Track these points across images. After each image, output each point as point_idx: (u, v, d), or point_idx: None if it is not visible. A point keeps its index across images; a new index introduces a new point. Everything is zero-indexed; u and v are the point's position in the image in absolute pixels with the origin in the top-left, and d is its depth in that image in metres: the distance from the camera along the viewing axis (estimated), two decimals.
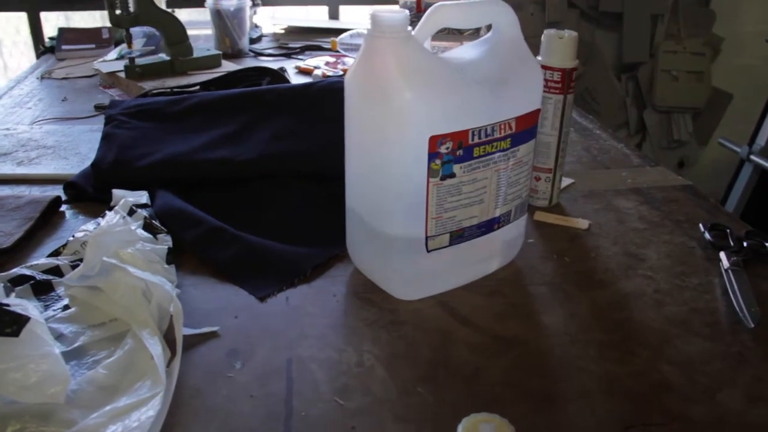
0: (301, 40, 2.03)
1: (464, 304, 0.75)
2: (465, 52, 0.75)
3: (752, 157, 2.16)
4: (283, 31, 2.19)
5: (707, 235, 0.91)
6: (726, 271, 0.83)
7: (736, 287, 0.79)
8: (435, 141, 0.65)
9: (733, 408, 0.63)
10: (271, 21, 2.23)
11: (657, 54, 2.56)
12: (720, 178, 2.49)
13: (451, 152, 0.67)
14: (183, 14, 2.02)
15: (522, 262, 0.84)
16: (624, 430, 0.60)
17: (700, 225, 0.94)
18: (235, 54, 1.84)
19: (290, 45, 1.98)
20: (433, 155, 0.66)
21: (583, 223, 0.93)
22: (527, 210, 0.93)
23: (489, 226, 0.74)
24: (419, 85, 0.65)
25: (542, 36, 0.91)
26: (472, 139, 0.67)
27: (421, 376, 0.64)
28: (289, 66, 1.73)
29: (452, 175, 0.68)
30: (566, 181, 1.06)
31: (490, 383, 0.64)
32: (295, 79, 1.57)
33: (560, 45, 0.90)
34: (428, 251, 0.71)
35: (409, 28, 0.67)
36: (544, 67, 0.91)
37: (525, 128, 0.73)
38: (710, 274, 0.84)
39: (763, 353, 0.71)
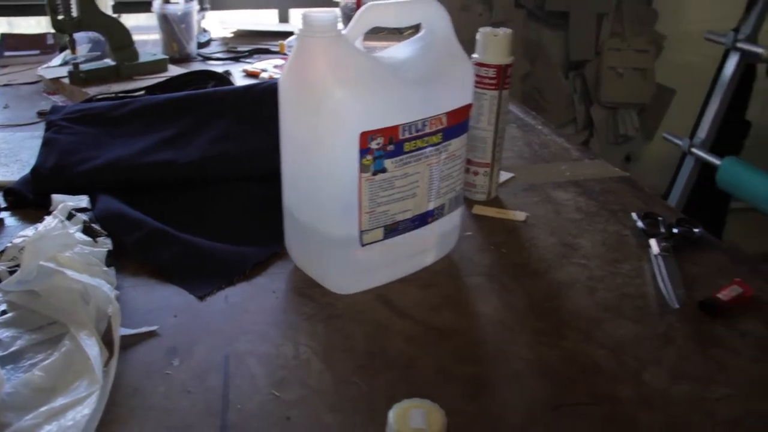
0: (250, 44, 2.03)
1: (401, 297, 0.76)
2: (398, 50, 0.77)
3: (693, 149, 2.21)
4: (232, 35, 2.19)
5: (640, 224, 0.94)
6: (656, 256, 0.86)
7: (664, 271, 0.82)
8: (366, 137, 0.67)
9: (658, 386, 0.66)
10: (220, 25, 2.23)
11: (603, 52, 2.61)
12: (666, 170, 2.55)
13: (382, 148, 0.68)
14: (131, 19, 2.01)
15: (459, 254, 0.86)
16: (552, 410, 0.62)
17: (633, 214, 0.97)
18: (183, 58, 1.84)
19: (239, 48, 1.98)
20: (364, 151, 0.67)
21: (520, 215, 0.95)
22: (465, 203, 0.96)
23: (423, 220, 0.76)
24: (349, 82, 0.66)
25: (477, 34, 0.93)
26: (403, 135, 0.69)
27: (356, 367, 0.66)
28: (238, 69, 1.74)
29: (384, 170, 0.69)
30: (506, 175, 1.08)
31: (424, 372, 0.66)
32: (242, 83, 1.58)
33: (495, 42, 0.92)
34: (363, 245, 0.72)
35: (340, 27, 0.68)
36: (480, 65, 0.93)
37: (456, 123, 0.75)
38: (641, 260, 0.87)
39: (688, 333, 0.74)
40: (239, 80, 1.62)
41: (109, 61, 1.58)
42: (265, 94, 1.06)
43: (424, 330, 0.72)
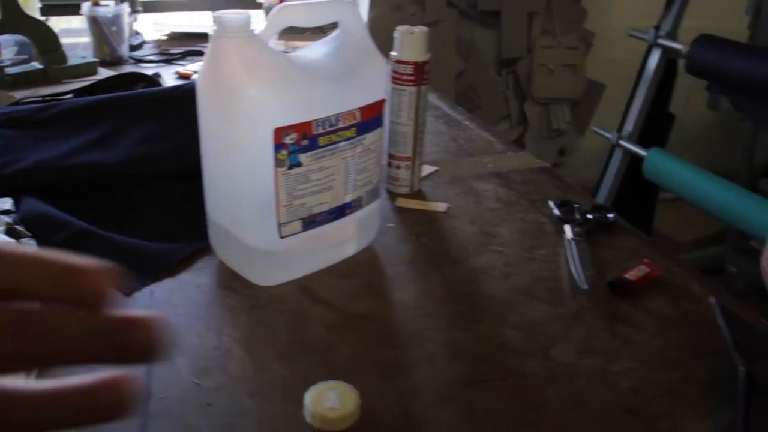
0: (184, 46, 2.03)
1: (321, 286, 0.79)
2: (313, 49, 0.79)
3: (621, 142, 2.28)
4: (165, 38, 2.18)
5: (556, 211, 0.99)
6: (569, 241, 0.90)
7: (575, 255, 0.86)
8: (280, 133, 0.69)
9: (565, 361, 0.70)
10: (153, 27, 2.22)
11: (534, 49, 2.67)
12: (598, 163, 2.62)
13: (297, 143, 0.70)
14: (62, 22, 1.99)
15: (380, 245, 0.89)
16: (464, 387, 0.65)
17: (550, 202, 1.01)
18: (115, 61, 1.83)
19: (172, 51, 1.98)
20: (278, 146, 0.70)
21: (441, 207, 0.99)
22: (388, 196, 0.99)
23: (341, 212, 0.79)
24: (262, 80, 0.69)
25: (394, 32, 0.96)
26: (317, 130, 0.72)
27: (276, 354, 0.68)
28: (170, 72, 1.74)
29: (299, 165, 0.72)
30: (430, 169, 1.11)
31: (342, 356, 0.68)
32: (173, 84, 1.58)
33: (411, 40, 0.95)
34: (282, 237, 0.75)
35: (253, 27, 0.70)
36: (398, 62, 0.96)
37: (370, 117, 0.77)
38: (557, 246, 0.91)
39: (596, 312, 0.78)
40: (171, 82, 1.62)
41: (36, 65, 1.57)
42: (191, 94, 1.07)
43: (344, 317, 0.74)
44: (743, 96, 1.99)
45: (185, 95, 1.08)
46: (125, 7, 1.84)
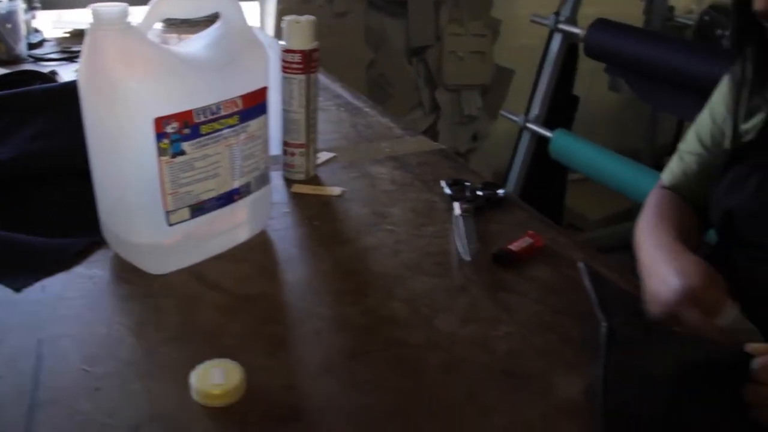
0: None
1: (214, 272, 0.81)
2: (194, 40, 0.81)
3: (528, 125, 2.36)
4: (68, 35, 2.14)
5: (447, 190, 1.02)
6: (457, 217, 0.93)
7: (462, 230, 0.90)
8: (160, 122, 0.70)
9: (447, 330, 0.73)
10: (54, 25, 2.17)
11: (443, 37, 2.72)
12: (510, 147, 2.69)
13: (178, 131, 0.72)
14: None
15: (273, 230, 0.91)
16: (348, 358, 0.68)
17: (442, 182, 1.04)
18: (12, 60, 1.79)
19: (73, 48, 1.95)
20: (160, 135, 0.71)
21: (336, 191, 1.01)
22: (285, 183, 1.01)
23: (229, 198, 0.80)
24: (140, 71, 0.70)
25: (282, 22, 0.98)
26: (198, 118, 0.73)
27: (166, 338, 0.70)
28: (71, 69, 1.71)
29: (182, 153, 0.73)
30: (327, 155, 1.14)
31: (230, 336, 0.70)
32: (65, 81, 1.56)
33: (298, 29, 0.97)
34: (170, 225, 0.76)
35: (129, 19, 0.71)
36: (287, 51, 0.98)
37: (253, 105, 0.79)
38: (446, 222, 0.95)
39: (480, 283, 0.82)
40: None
41: None
42: None
43: (235, 299, 0.76)
44: (637, 77, 2.08)
45: (76, 91, 1.07)
46: (20, 4, 1.80)
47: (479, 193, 1.01)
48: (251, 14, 2.43)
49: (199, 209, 0.78)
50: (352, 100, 1.49)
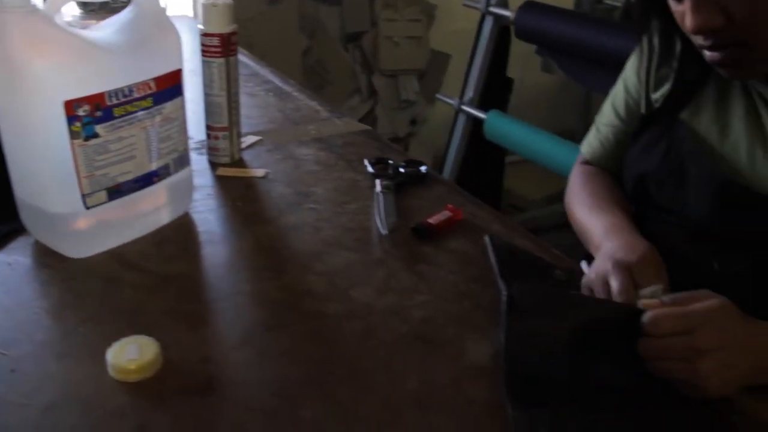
0: None
1: (135, 253, 0.81)
2: (106, 23, 0.81)
3: (463, 107, 2.39)
4: None
5: (370, 169, 1.04)
6: (377, 194, 0.95)
7: (381, 205, 0.92)
8: (70, 105, 0.71)
9: (364, 301, 0.75)
10: None
11: (378, 23, 2.74)
12: (449, 130, 2.73)
13: (90, 114, 0.72)
14: None
15: (196, 211, 0.91)
16: (266, 331, 0.70)
17: (365, 160, 1.06)
18: None
19: None
20: (72, 118, 0.71)
21: (260, 172, 1.03)
22: (210, 167, 1.02)
23: (147, 180, 0.81)
24: (46, 54, 0.70)
25: (199, 7, 0.99)
26: (110, 101, 0.74)
27: (84, 319, 0.70)
28: None
29: (96, 135, 0.74)
30: (253, 139, 1.15)
31: (149, 314, 0.71)
32: None
33: (215, 13, 0.98)
34: (87, 208, 0.76)
35: (35, 2, 0.71)
36: (205, 35, 0.98)
37: (168, 87, 0.80)
38: (368, 199, 0.97)
39: (398, 255, 0.84)
40: None
41: None
42: None
43: (155, 279, 0.77)
44: (567, 58, 2.12)
45: None
46: None
47: (401, 170, 1.03)
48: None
49: (116, 192, 0.78)
50: (281, 84, 1.50)
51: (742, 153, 0.80)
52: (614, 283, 0.72)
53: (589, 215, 0.92)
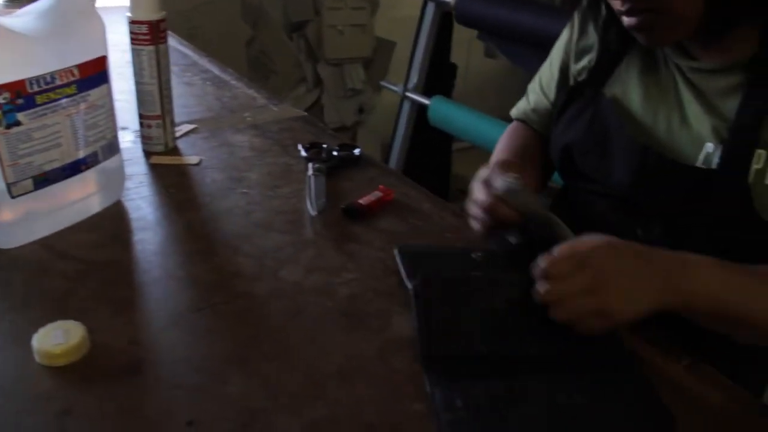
0: None
1: (65, 242, 0.81)
2: (26, 10, 0.80)
3: (408, 94, 2.42)
4: None
5: (304, 153, 1.06)
6: (309, 177, 0.97)
7: (312, 187, 0.93)
8: None
9: (292, 279, 0.77)
10: None
11: (322, 11, 2.74)
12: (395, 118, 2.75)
13: (11, 102, 0.72)
14: None
15: (128, 199, 0.92)
16: (194, 312, 0.71)
17: (299, 145, 1.08)
18: None
19: None
20: None
21: (193, 160, 1.03)
22: (145, 156, 1.02)
23: (75, 168, 0.81)
24: None
25: None
26: (32, 88, 0.74)
27: (12, 307, 0.70)
28: None
29: (18, 123, 0.74)
30: (188, 127, 1.15)
31: (78, 300, 0.72)
32: None
33: (143, 0, 0.98)
34: (13, 198, 0.76)
35: None
36: (134, 22, 0.98)
37: (92, 74, 0.80)
38: (301, 183, 0.98)
39: (327, 236, 0.86)
40: None
41: None
42: None
43: (86, 266, 0.77)
44: (507, 42, 2.15)
45: None
46: None
47: (335, 153, 1.05)
48: None
49: (43, 180, 0.78)
50: (220, 74, 1.50)
51: (660, 122, 0.84)
52: (476, 192, 0.81)
53: (496, 156, 0.98)
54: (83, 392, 0.60)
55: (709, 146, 0.79)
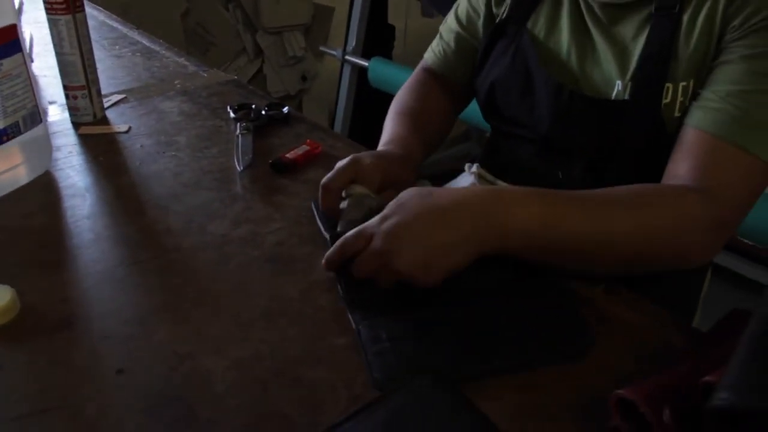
0: None
1: None
2: None
3: (347, 57, 2.43)
4: None
5: (232, 114, 1.07)
6: (236, 136, 0.98)
7: (239, 146, 0.95)
8: None
9: (219, 233, 0.79)
10: None
11: None
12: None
13: None
14: None
15: (57, 169, 0.92)
16: (123, 268, 0.72)
17: (227, 107, 1.09)
18: None
19: None
20: None
21: (123, 128, 1.04)
22: (73, 127, 1.03)
23: None
24: None
25: None
26: None
27: None
28: None
29: None
30: (117, 97, 1.16)
31: (7, 265, 0.72)
32: None
33: None
34: None
35: None
36: None
37: (3, 43, 0.80)
38: (230, 143, 1.00)
39: (255, 190, 0.88)
40: None
41: None
42: None
43: (14, 234, 0.78)
44: None
45: None
46: None
47: (263, 113, 1.06)
48: None
49: None
50: (150, 44, 1.49)
51: (573, 60, 0.86)
52: (333, 170, 0.77)
53: (390, 120, 0.99)
54: (13, 350, 0.62)
55: (619, 84, 0.82)
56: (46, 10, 0.98)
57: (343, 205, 0.78)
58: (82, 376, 0.59)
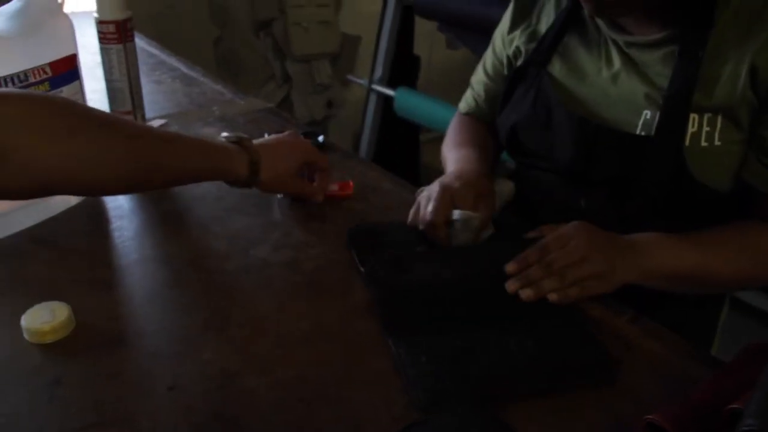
0: None
1: (47, 231, 0.86)
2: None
3: (373, 86, 2.47)
4: None
5: None
6: None
7: None
8: None
9: (260, 256, 0.82)
10: None
11: (286, 9, 2.78)
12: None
13: None
14: None
15: None
16: (170, 288, 0.76)
17: (265, 134, 1.12)
18: None
19: None
20: None
21: None
22: None
23: None
24: None
25: None
26: (7, 86, 0.78)
27: None
28: None
29: None
30: (159, 122, 1.20)
31: (60, 283, 0.76)
32: None
33: (109, 1, 1.02)
34: None
35: None
36: (102, 22, 1.02)
37: (63, 72, 0.85)
38: None
39: (294, 217, 0.92)
40: None
41: None
42: None
43: (65, 252, 0.82)
44: (467, 33, 2.21)
45: None
46: None
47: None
48: None
49: None
50: (188, 71, 1.54)
51: (599, 95, 0.90)
52: (430, 204, 0.83)
53: (450, 151, 1.04)
54: (71, 364, 0.65)
55: (647, 113, 0.85)
56: (100, 39, 1.02)
57: (450, 229, 0.82)
58: (135, 391, 0.62)
